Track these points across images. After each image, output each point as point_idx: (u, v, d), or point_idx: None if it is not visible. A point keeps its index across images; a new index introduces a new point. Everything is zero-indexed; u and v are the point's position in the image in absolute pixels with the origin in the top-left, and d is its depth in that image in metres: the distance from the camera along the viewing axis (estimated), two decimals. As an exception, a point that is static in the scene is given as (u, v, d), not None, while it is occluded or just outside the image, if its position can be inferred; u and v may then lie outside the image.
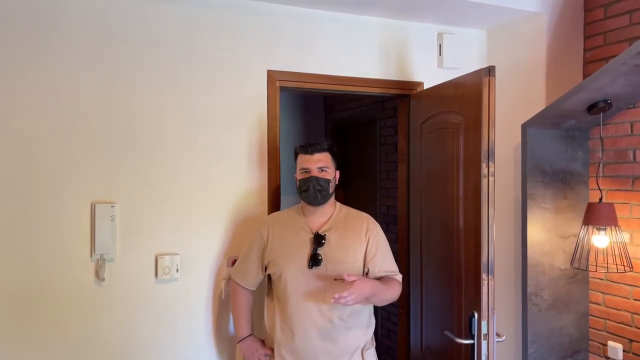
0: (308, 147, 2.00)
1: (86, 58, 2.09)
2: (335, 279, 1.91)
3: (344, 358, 1.97)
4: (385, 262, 2.04)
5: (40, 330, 2.03)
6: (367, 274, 2.01)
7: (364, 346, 2.03)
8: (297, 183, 2.02)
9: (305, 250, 1.98)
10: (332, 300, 1.77)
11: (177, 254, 2.22)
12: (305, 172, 1.99)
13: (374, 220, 2.11)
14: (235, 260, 2.26)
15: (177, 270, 2.21)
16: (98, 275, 2.09)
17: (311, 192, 1.96)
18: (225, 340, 2.34)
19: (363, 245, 2.02)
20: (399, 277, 2.07)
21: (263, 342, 2.13)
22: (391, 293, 1.99)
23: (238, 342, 2.15)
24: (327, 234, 2.00)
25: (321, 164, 1.99)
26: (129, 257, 2.16)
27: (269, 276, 2.10)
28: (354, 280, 1.79)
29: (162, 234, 2.21)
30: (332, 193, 2.04)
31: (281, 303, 1.99)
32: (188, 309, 2.26)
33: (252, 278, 2.13)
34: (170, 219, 2.22)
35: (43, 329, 2.04)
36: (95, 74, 2.10)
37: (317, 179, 1.96)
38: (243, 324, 2.15)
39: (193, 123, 2.26)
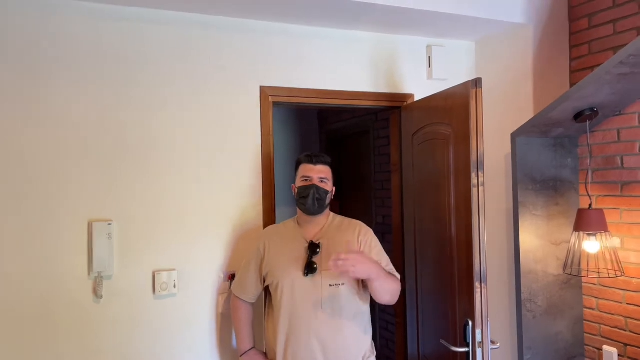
0: (313, 157, 2.08)
1: (81, 77, 2.12)
2: (330, 271, 1.91)
3: None
4: (382, 260, 2.07)
5: (38, 348, 2.04)
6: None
7: (365, 354, 2.05)
8: (296, 191, 2.07)
9: (301, 260, 2.02)
10: (331, 264, 1.79)
11: (174, 270, 2.24)
12: (307, 180, 2.05)
13: (366, 225, 2.16)
14: (232, 275, 2.28)
15: (175, 286, 2.23)
16: (96, 292, 2.11)
17: (310, 199, 2.02)
18: (227, 355, 2.35)
19: (357, 248, 2.05)
20: (397, 275, 2.10)
21: (265, 354, 2.15)
22: (392, 284, 2.00)
23: (240, 356, 2.17)
24: (321, 242, 2.04)
25: (322, 175, 2.06)
26: (126, 274, 2.18)
27: (267, 288, 2.13)
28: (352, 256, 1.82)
29: (159, 250, 2.23)
30: (328, 205, 2.11)
31: (280, 313, 2.01)
32: (187, 324, 2.28)
33: (251, 291, 2.16)
34: (167, 235, 2.25)
35: (41, 348, 2.05)
36: (90, 93, 2.14)
37: (317, 187, 2.03)
38: (245, 337, 2.18)
39: (188, 140, 2.29)
